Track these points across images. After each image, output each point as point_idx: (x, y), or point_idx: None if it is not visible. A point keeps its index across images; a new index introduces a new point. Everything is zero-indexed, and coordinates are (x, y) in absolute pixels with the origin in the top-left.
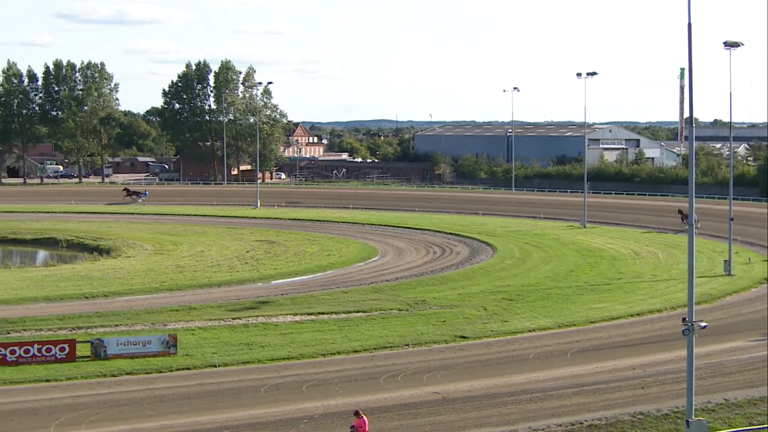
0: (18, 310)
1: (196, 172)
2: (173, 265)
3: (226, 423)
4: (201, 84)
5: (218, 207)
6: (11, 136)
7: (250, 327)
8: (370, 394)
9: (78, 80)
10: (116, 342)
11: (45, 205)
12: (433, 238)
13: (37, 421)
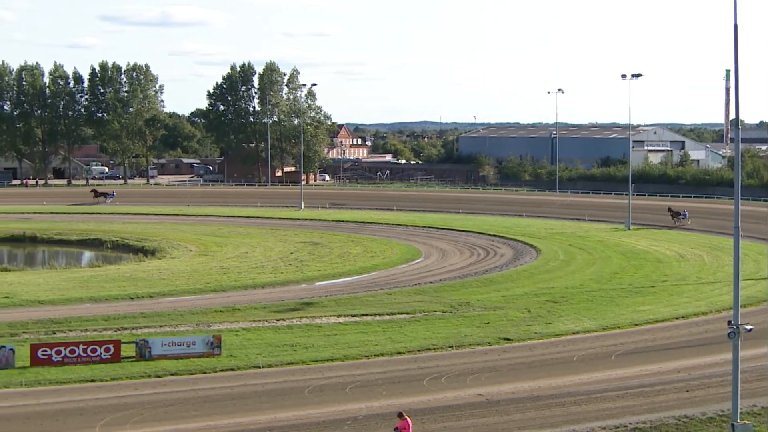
0: (64, 311)
1: (240, 173)
2: (217, 267)
3: (269, 424)
4: (246, 86)
5: (262, 208)
6: (57, 137)
7: (294, 328)
8: (413, 395)
9: (123, 82)
10: (161, 343)
11: (90, 207)
12: (476, 240)
13: (82, 421)
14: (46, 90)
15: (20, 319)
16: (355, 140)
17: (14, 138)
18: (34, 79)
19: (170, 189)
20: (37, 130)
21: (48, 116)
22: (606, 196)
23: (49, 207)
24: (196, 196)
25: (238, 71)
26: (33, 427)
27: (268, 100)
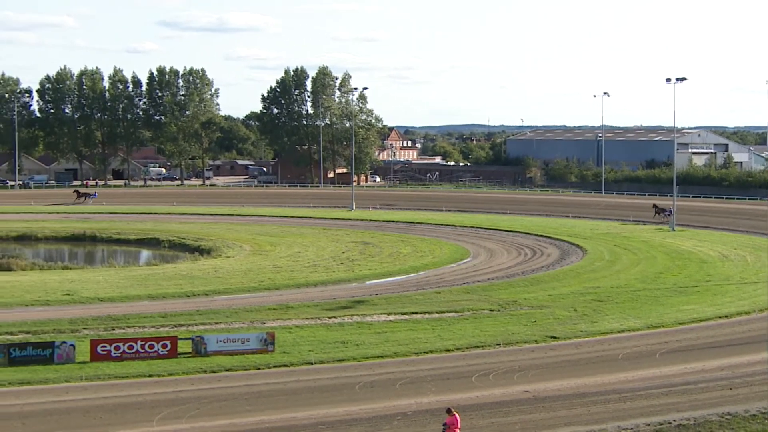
0: (122, 308)
1: (293, 174)
2: (271, 265)
3: (321, 419)
4: (298, 89)
5: (315, 209)
6: (116, 139)
7: (345, 326)
8: (462, 392)
9: (180, 86)
10: (216, 339)
11: (148, 207)
12: (524, 240)
13: (140, 415)
14: (106, 94)
15: (80, 316)
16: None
17: (75, 140)
18: (95, 84)
19: (225, 190)
20: (97, 133)
21: (108, 119)
22: (651, 198)
23: (108, 207)
24: (250, 196)
25: (291, 75)
26: (93, 420)
27: (320, 103)
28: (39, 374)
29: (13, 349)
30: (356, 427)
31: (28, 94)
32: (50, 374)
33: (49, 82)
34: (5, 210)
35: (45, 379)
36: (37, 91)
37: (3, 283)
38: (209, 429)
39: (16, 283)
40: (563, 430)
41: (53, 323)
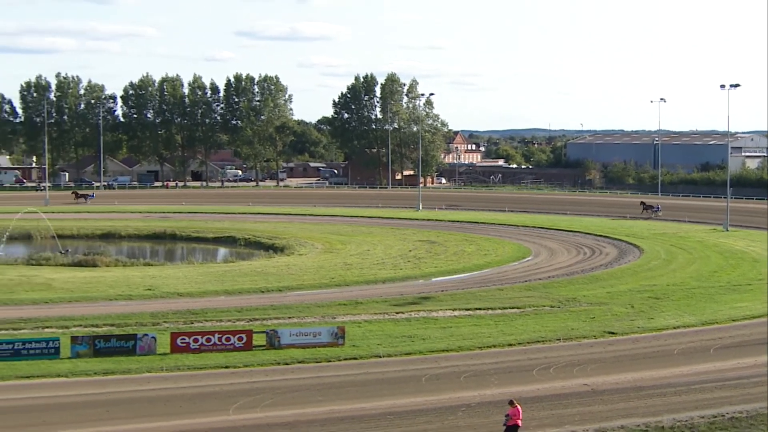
0: (201, 303)
1: (363, 176)
2: (341, 263)
3: (389, 410)
4: (368, 95)
5: (383, 209)
6: (195, 143)
7: (412, 321)
8: (523, 384)
9: (256, 92)
10: (289, 333)
11: (225, 207)
12: (583, 240)
13: (217, 404)
14: (185, 99)
15: (161, 310)
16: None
17: (157, 143)
18: (175, 90)
19: (298, 191)
20: (177, 137)
21: (187, 123)
22: (705, 199)
23: (187, 207)
24: (322, 197)
25: (361, 82)
26: (173, 408)
27: (389, 108)
28: (122, 365)
29: (98, 340)
30: (422, 417)
31: (112, 100)
32: (133, 365)
33: (132, 89)
34: (91, 209)
35: (128, 370)
36: (121, 97)
37: (88, 279)
38: (283, 418)
39: (101, 278)
40: (620, 421)
41: (135, 317)
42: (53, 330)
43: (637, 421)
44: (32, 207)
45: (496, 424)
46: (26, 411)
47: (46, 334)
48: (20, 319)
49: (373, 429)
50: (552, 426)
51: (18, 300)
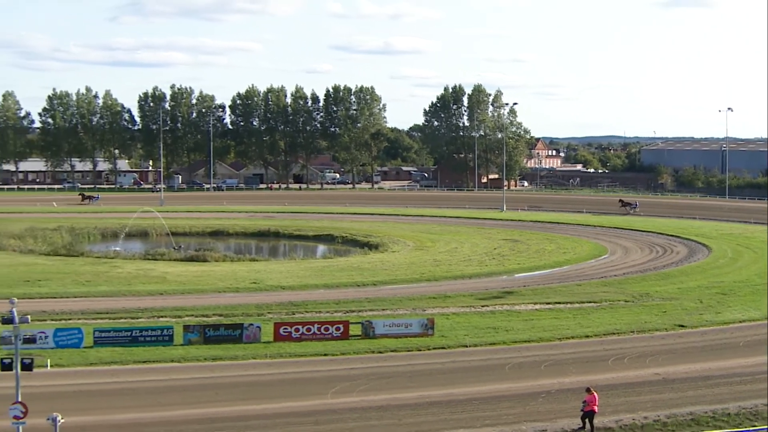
0: (302, 295)
1: (451, 179)
2: (431, 260)
3: (475, 395)
4: (456, 104)
5: (470, 210)
6: (297, 148)
7: (496, 313)
8: (599, 373)
9: (353, 101)
10: (383, 324)
11: (324, 207)
12: (655, 239)
13: (316, 389)
14: (288, 108)
15: (265, 302)
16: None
17: (261, 149)
18: (279, 100)
19: (391, 193)
20: (280, 143)
21: (289, 131)
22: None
23: (289, 207)
24: (413, 199)
25: (450, 92)
26: (276, 392)
27: (475, 117)
28: (230, 351)
29: (208, 329)
30: (505, 403)
31: (221, 109)
32: (239, 352)
33: (239, 99)
34: (202, 209)
35: (234, 356)
36: (230, 106)
37: (199, 273)
38: (376, 402)
39: (211, 272)
40: (689, 408)
41: (242, 308)
42: (167, 319)
43: (705, 408)
44: (148, 207)
45: (574, 409)
46: (143, 392)
47: (161, 323)
48: (138, 309)
49: (459, 413)
50: (625, 412)
51: (136, 291)
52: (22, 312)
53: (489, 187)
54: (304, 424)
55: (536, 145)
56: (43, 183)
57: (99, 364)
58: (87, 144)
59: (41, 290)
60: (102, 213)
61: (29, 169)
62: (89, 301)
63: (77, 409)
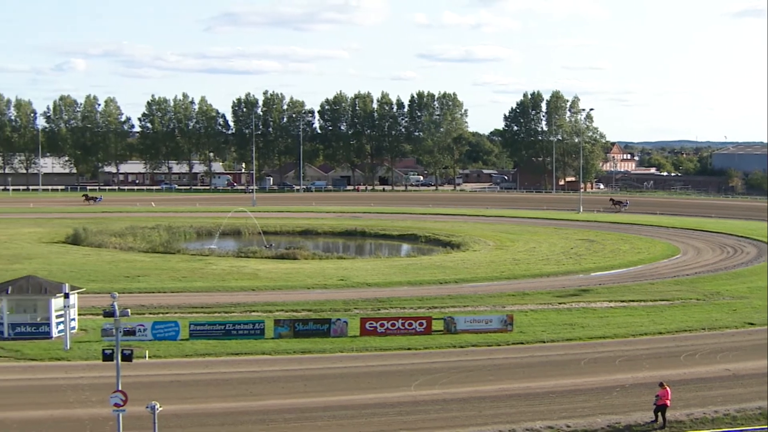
0: (387, 292)
1: (530, 182)
2: (510, 258)
3: (552, 389)
4: (535, 110)
5: (547, 211)
6: (382, 152)
7: (572, 311)
8: (671, 369)
9: (436, 107)
10: (464, 320)
11: (408, 208)
12: (726, 240)
13: (400, 381)
14: (374, 114)
15: (352, 298)
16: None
17: (349, 152)
18: (366, 105)
19: (473, 194)
20: (366, 146)
21: (375, 135)
22: None
23: (375, 208)
24: (493, 200)
25: (529, 98)
26: (362, 384)
27: (553, 122)
28: (318, 345)
29: (298, 323)
30: (581, 396)
31: (311, 114)
32: (327, 345)
33: (328, 104)
34: (292, 209)
35: (323, 349)
36: (319, 111)
37: (289, 270)
38: (458, 394)
39: (300, 269)
40: (758, 403)
41: (330, 303)
42: (259, 314)
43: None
44: (241, 207)
45: (647, 403)
46: (235, 383)
47: (253, 317)
48: (231, 304)
49: (537, 405)
50: (697, 406)
51: (229, 287)
52: (122, 306)
53: (566, 189)
54: (389, 415)
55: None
56: (142, 184)
57: (194, 356)
58: (183, 147)
59: (140, 285)
60: (198, 213)
61: (129, 171)
62: (185, 296)
63: (174, 398)
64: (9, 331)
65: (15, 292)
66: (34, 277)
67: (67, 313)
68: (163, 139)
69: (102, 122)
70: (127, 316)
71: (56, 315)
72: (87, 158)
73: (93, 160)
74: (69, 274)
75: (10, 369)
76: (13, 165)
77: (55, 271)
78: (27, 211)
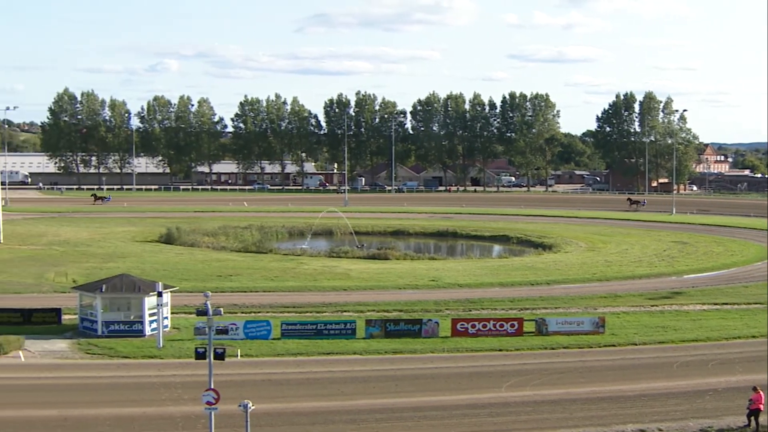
0: (478, 293)
1: (622, 183)
2: (602, 260)
3: (643, 392)
4: (627, 111)
5: (640, 213)
6: (474, 152)
7: (665, 313)
8: (765, 373)
9: (528, 108)
10: (556, 321)
11: (500, 209)
12: None
13: (491, 382)
14: (466, 114)
15: (443, 299)
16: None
17: (440, 153)
18: (458, 106)
19: (564, 195)
20: (458, 147)
21: (467, 135)
22: None
23: (466, 209)
24: (585, 201)
25: (621, 99)
26: (452, 384)
27: (646, 123)
28: (409, 345)
29: (389, 323)
30: (673, 400)
31: (403, 115)
32: (418, 345)
33: (420, 105)
34: (384, 210)
35: (414, 350)
36: (410, 112)
37: (381, 270)
38: (549, 396)
39: (392, 269)
40: None
41: (421, 304)
42: (350, 314)
43: None
44: (333, 207)
45: (740, 408)
46: (326, 383)
47: (344, 317)
48: (323, 304)
49: (628, 408)
50: None
51: (321, 287)
52: (215, 305)
53: (659, 190)
54: (479, 416)
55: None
56: (234, 184)
57: (286, 355)
58: (276, 147)
59: (232, 284)
60: (290, 213)
61: (222, 171)
62: (277, 295)
63: (265, 397)
64: (103, 329)
65: (109, 291)
66: (128, 275)
67: (160, 312)
68: (256, 140)
69: (195, 122)
70: (220, 315)
71: (149, 313)
72: (180, 158)
73: (186, 160)
74: (162, 272)
75: (104, 366)
76: (107, 165)
77: (148, 269)
78: (121, 211)
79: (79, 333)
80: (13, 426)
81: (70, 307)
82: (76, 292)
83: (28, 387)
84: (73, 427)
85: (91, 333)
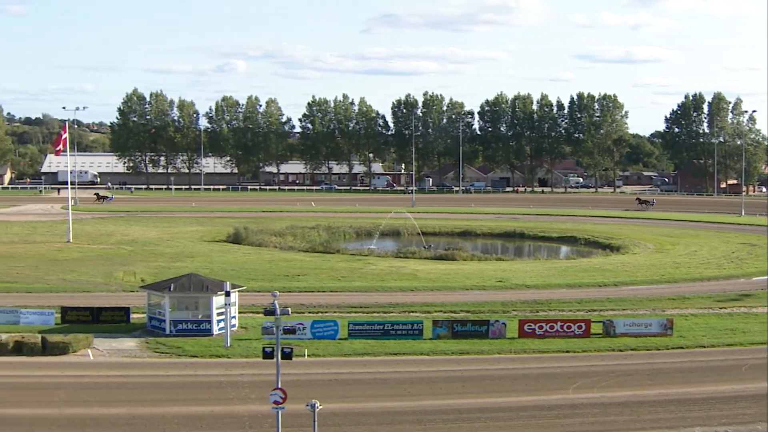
0: (545, 294)
1: (691, 184)
2: (671, 262)
3: (712, 395)
4: (696, 112)
5: (708, 214)
6: (542, 153)
7: (733, 315)
8: None
9: (596, 108)
10: (623, 323)
11: (567, 210)
12: None
13: (558, 384)
14: (534, 115)
15: (510, 300)
16: None
17: (508, 153)
18: (525, 107)
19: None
20: (526, 148)
21: (535, 136)
22: None
23: (534, 210)
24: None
25: (690, 100)
26: (516, 386)
27: (715, 124)
28: (476, 346)
29: (456, 324)
30: (741, 403)
31: (470, 116)
32: (485, 346)
33: (487, 105)
34: (451, 210)
35: (481, 351)
36: (478, 113)
37: (448, 271)
38: (616, 398)
39: (459, 270)
40: None
41: (488, 305)
42: (417, 314)
43: None
44: (400, 208)
45: None
46: (393, 383)
47: (411, 318)
48: (390, 304)
49: (696, 411)
50: None
51: (388, 287)
52: (282, 305)
53: (728, 192)
54: (546, 418)
55: None
56: (302, 184)
57: (352, 355)
58: (343, 148)
59: (300, 284)
60: (357, 213)
61: (290, 171)
62: (344, 295)
63: (332, 396)
64: (171, 328)
65: (177, 290)
66: (196, 275)
67: (228, 311)
68: (323, 140)
69: (263, 123)
70: (288, 315)
71: (217, 312)
72: (248, 158)
73: (254, 160)
74: (229, 272)
75: (172, 365)
76: (175, 165)
77: (216, 269)
78: (189, 210)
79: (147, 332)
80: (82, 424)
81: (139, 306)
82: (144, 291)
83: (97, 385)
84: (141, 425)
85: (159, 332)
